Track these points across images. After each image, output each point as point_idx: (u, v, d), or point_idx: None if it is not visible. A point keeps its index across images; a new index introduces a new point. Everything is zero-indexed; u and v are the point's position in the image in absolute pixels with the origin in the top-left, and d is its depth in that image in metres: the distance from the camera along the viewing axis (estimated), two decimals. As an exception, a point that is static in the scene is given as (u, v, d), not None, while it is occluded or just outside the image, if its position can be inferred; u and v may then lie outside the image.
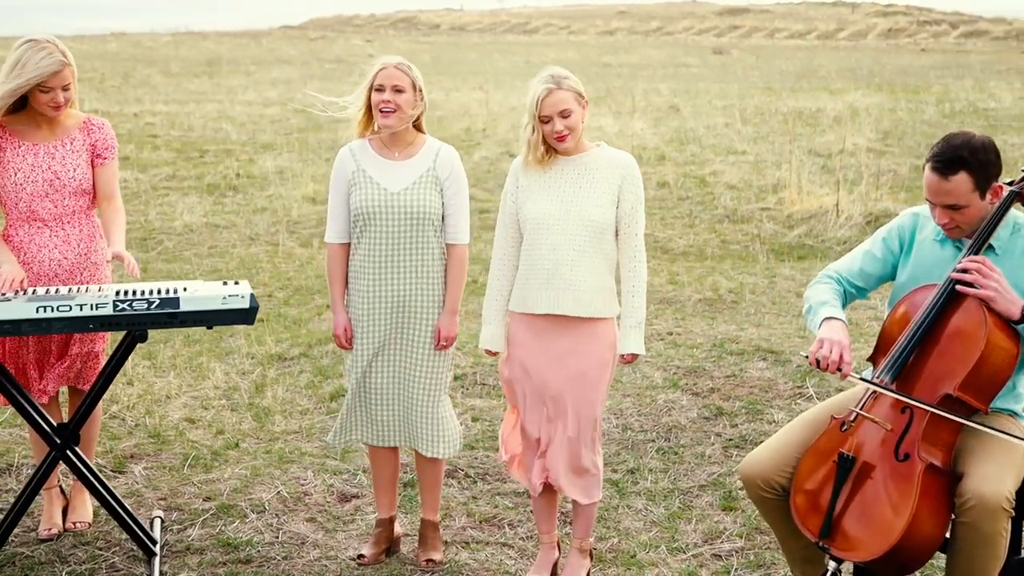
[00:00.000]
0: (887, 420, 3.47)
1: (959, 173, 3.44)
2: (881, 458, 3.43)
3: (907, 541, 3.28)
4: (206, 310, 4.07)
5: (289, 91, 25.40)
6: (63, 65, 4.27)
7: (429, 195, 4.24)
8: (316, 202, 12.14)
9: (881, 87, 26.42)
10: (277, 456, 5.41)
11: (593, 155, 4.12)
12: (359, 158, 4.31)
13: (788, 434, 3.75)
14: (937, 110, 20.82)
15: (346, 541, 4.60)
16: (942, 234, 3.66)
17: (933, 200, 3.53)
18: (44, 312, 3.94)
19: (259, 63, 35.04)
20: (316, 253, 10.01)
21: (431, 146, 4.33)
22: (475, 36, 52.45)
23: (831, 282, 3.87)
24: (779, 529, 3.77)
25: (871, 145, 15.63)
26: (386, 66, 4.24)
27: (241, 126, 18.48)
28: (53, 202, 4.38)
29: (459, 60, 38.50)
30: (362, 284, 4.29)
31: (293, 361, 6.81)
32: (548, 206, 4.06)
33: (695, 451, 5.48)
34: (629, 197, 4.07)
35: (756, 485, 3.68)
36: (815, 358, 3.59)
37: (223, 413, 5.99)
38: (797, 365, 6.47)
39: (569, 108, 3.98)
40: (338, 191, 4.33)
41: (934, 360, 3.47)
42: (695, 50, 42.96)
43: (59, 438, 4.25)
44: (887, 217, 10.87)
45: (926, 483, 3.32)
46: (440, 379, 4.37)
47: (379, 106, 4.21)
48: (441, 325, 4.31)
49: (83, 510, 4.69)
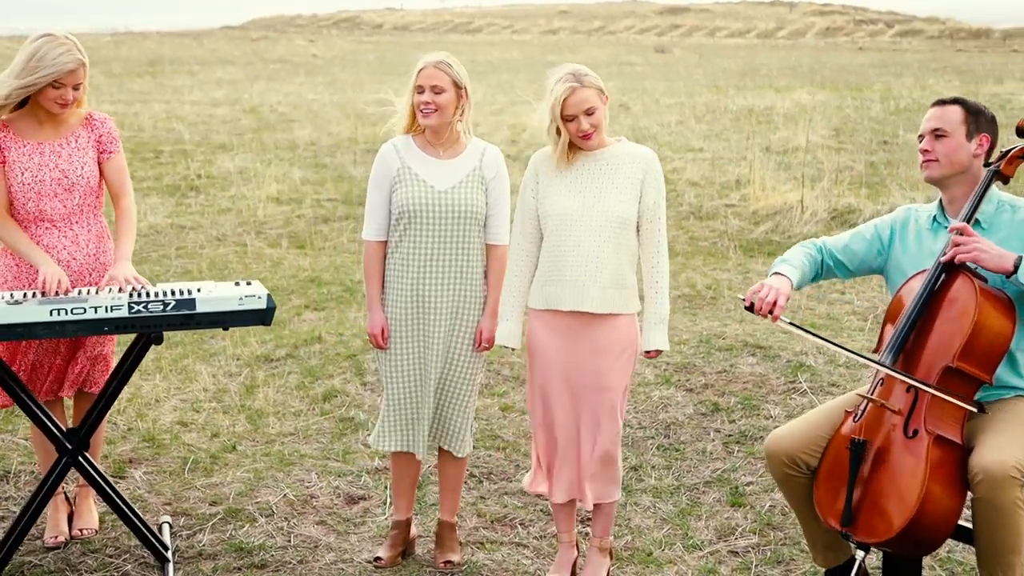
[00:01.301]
0: (894, 402, 3.53)
1: (954, 105, 3.69)
2: (892, 439, 3.49)
3: (922, 516, 3.33)
4: (223, 311, 4.01)
5: (235, 91, 25.16)
6: (79, 64, 4.18)
7: (476, 194, 4.20)
8: (281, 202, 12.03)
9: (825, 85, 26.72)
10: (277, 459, 5.34)
11: (615, 150, 4.10)
12: (404, 155, 4.25)
13: (814, 415, 3.83)
14: (883, 107, 21.08)
15: (359, 544, 4.55)
16: (934, 222, 3.75)
17: (923, 130, 3.71)
18: (58, 315, 3.85)
19: (202, 63, 34.65)
20: (286, 254, 9.92)
21: (476, 145, 4.29)
22: (418, 36, 52.19)
23: (809, 248, 3.96)
24: (802, 511, 3.80)
25: (825, 142, 15.80)
26: (426, 66, 4.19)
27: (192, 126, 18.24)
28: (62, 202, 4.28)
29: (404, 60, 38.28)
30: (404, 283, 4.22)
31: (280, 362, 6.73)
32: (571, 202, 4.04)
33: (696, 447, 5.49)
34: (651, 192, 4.06)
35: (781, 462, 3.72)
36: (750, 299, 3.69)
37: (215, 416, 5.90)
38: (787, 360, 6.52)
39: (593, 105, 3.96)
40: (380, 188, 4.26)
41: (932, 336, 3.54)
42: (637, 49, 43.14)
43: (70, 443, 4.15)
44: (851, 213, 11.03)
45: (935, 455, 3.37)
46: (476, 380, 4.35)
47: (419, 107, 4.17)
48: (483, 326, 4.27)
49: (89, 516, 4.59)
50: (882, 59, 39.15)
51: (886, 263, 3.86)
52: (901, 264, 3.80)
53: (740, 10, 59.75)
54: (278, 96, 24.24)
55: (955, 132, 3.64)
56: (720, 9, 62.09)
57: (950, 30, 48.78)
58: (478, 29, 56.03)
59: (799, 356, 6.56)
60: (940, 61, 37.27)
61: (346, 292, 8.52)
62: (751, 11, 59.23)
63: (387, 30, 55.88)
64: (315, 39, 48.53)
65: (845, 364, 6.43)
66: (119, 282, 4.11)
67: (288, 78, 30.06)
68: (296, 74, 31.64)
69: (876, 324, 7.53)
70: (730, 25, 52.53)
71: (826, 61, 38.04)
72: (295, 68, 34.58)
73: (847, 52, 43.48)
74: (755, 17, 55.81)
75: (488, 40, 48.94)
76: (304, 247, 10.23)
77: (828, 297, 8.27)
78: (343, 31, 55.70)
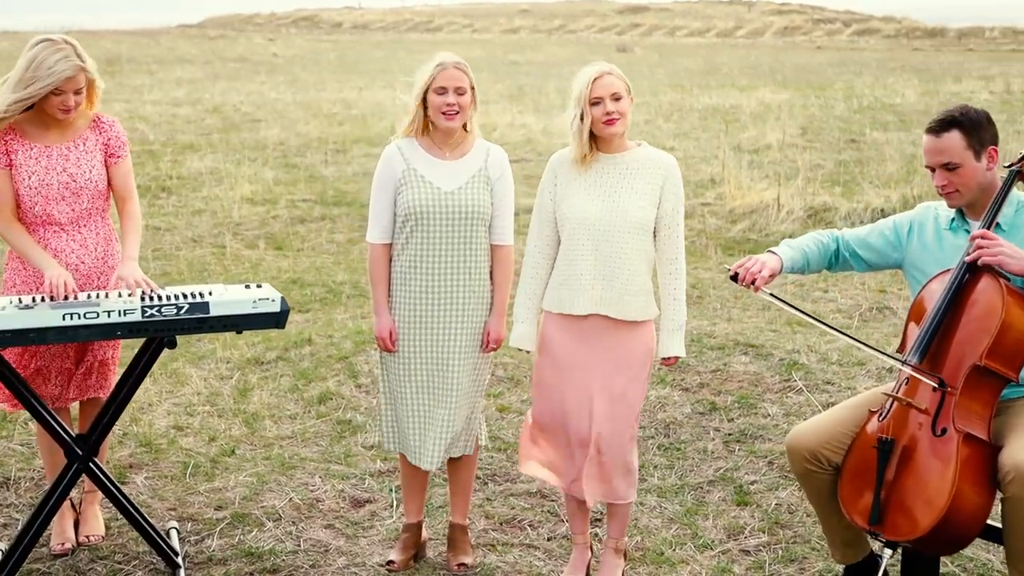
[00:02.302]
0: (921, 400, 3.53)
1: (951, 131, 3.61)
2: (920, 438, 3.49)
3: (952, 514, 3.34)
4: (236, 314, 3.97)
5: (196, 91, 24.95)
6: (78, 70, 4.10)
7: (482, 195, 4.18)
8: (255, 203, 11.94)
9: (787, 84, 26.91)
10: (278, 462, 5.29)
11: (635, 154, 4.08)
12: (408, 157, 4.20)
13: (836, 411, 3.84)
14: (846, 106, 21.27)
15: (370, 547, 4.52)
16: (953, 223, 3.76)
17: (930, 163, 3.66)
18: (71, 320, 3.80)
19: (160, 62, 34.33)
20: (265, 255, 9.85)
21: (481, 146, 4.26)
22: (378, 34, 52.04)
23: (823, 236, 4.01)
24: (822, 507, 3.82)
25: (793, 141, 15.91)
26: (446, 66, 4.11)
27: (156, 126, 18.07)
28: (70, 205, 4.22)
29: (365, 58, 38.22)
30: (411, 285, 4.19)
31: (271, 364, 6.68)
32: (590, 205, 4.02)
33: (696, 447, 5.50)
34: (671, 198, 4.04)
35: (803, 457, 3.73)
36: (735, 269, 3.78)
37: (210, 420, 5.84)
38: (780, 359, 6.55)
39: (620, 92, 3.95)
40: (384, 190, 4.22)
41: (958, 335, 3.54)
42: (599, 48, 43.21)
43: (80, 449, 4.10)
44: (827, 211, 11.11)
45: (965, 453, 3.38)
46: (483, 381, 4.34)
47: (442, 109, 4.10)
48: (490, 327, 4.25)
49: (95, 523, 4.53)
50: (841, 58, 39.50)
51: (903, 259, 3.88)
52: (919, 261, 3.82)
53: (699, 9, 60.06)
54: (240, 95, 24.06)
55: (964, 160, 3.60)
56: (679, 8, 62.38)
57: (906, 29, 49.30)
58: (438, 28, 55.92)
59: (792, 354, 6.59)
60: (898, 60, 37.66)
61: (330, 293, 8.47)
62: (710, 10, 59.56)
63: (346, 29, 55.64)
64: (274, 38, 48.21)
65: (838, 362, 6.48)
66: (128, 283, 4.06)
67: (249, 77, 29.85)
68: (257, 73, 31.44)
69: (861, 322, 7.59)
70: (689, 24, 52.80)
71: (786, 60, 38.32)
72: (255, 67, 34.35)
73: (806, 51, 43.82)
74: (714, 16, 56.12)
75: (449, 39, 48.83)
76: (282, 248, 10.17)
77: (811, 295, 8.33)
78: (302, 30, 55.41)
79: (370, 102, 22.39)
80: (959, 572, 4.25)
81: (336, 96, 24.00)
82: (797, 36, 48.47)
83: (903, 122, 18.51)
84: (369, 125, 18.30)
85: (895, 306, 7.94)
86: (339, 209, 11.78)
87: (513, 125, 17.62)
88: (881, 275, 8.91)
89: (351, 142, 16.52)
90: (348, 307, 8.09)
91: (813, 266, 3.98)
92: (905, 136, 16.55)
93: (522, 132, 17.04)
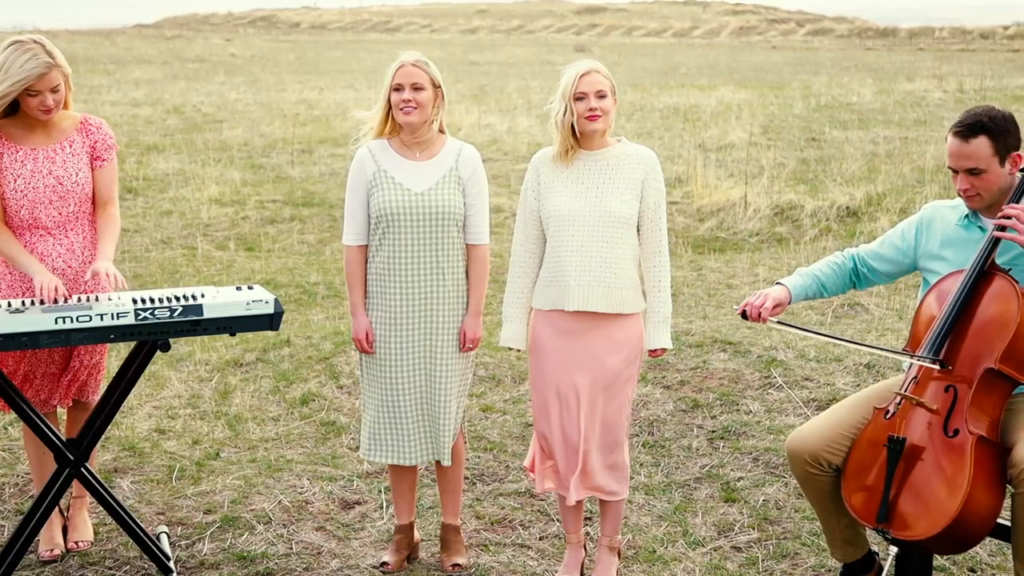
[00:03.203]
0: (932, 400, 3.56)
1: (979, 137, 3.61)
2: (931, 437, 3.52)
3: (966, 514, 3.37)
4: (230, 316, 3.95)
5: (155, 91, 24.77)
6: (49, 67, 4.04)
7: (453, 195, 4.18)
8: (223, 204, 11.87)
9: (744, 83, 27.11)
10: (265, 465, 5.26)
11: (615, 150, 4.12)
12: (379, 158, 4.21)
13: (834, 413, 3.86)
14: (805, 105, 21.46)
15: (362, 549, 4.51)
16: (964, 219, 3.79)
17: (955, 166, 3.67)
18: (63, 323, 3.76)
19: (117, 62, 34.04)
20: (236, 256, 9.80)
21: (452, 146, 4.27)
22: (336, 34, 51.80)
23: (840, 259, 4.05)
24: (822, 508, 3.85)
25: (755, 139, 16.03)
26: (404, 64, 4.16)
27: (117, 127, 17.87)
28: (57, 209, 4.17)
29: (324, 58, 38.10)
30: (386, 287, 4.20)
31: (251, 366, 6.64)
32: (573, 202, 4.05)
33: (681, 444, 5.54)
34: (652, 192, 4.08)
35: (804, 461, 3.76)
36: (743, 308, 3.84)
37: (192, 422, 5.80)
38: (758, 356, 6.59)
39: (605, 90, 3.99)
40: (356, 193, 4.23)
41: (972, 336, 3.57)
42: (557, 48, 43.34)
43: (71, 454, 4.06)
44: (793, 209, 11.21)
45: (979, 455, 3.42)
46: (466, 382, 4.33)
47: (399, 105, 4.13)
48: (466, 327, 4.25)
49: (84, 528, 4.48)
50: (796, 57, 39.87)
51: (916, 261, 3.90)
52: (932, 252, 3.83)
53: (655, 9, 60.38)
54: (200, 96, 23.91)
55: (990, 166, 3.62)
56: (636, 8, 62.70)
57: (858, 29, 49.79)
58: (396, 28, 55.76)
59: (769, 351, 6.65)
60: (851, 59, 38.05)
61: (304, 295, 8.44)
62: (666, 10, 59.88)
63: (304, 29, 55.35)
64: (232, 38, 47.90)
65: (816, 358, 6.54)
66: (101, 275, 4.02)
67: (208, 77, 29.66)
68: (216, 73, 31.24)
69: (835, 318, 7.67)
70: (646, 24, 53.00)
71: (742, 60, 38.61)
72: (214, 67, 34.14)
73: (761, 51, 44.18)
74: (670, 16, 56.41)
75: (408, 39, 48.68)
76: (253, 249, 10.12)
77: (784, 293, 8.38)
78: (260, 30, 55.06)
79: (332, 102, 22.30)
80: (948, 565, 4.30)
81: (297, 96, 23.89)
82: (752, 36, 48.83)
83: (861, 121, 18.70)
84: (333, 126, 18.23)
85: (866, 302, 8.02)
86: (308, 210, 11.73)
87: (478, 125, 17.61)
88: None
89: (316, 142, 16.45)
90: (324, 308, 8.06)
91: (832, 289, 4.01)
92: (864, 135, 16.73)
93: (487, 132, 17.05)
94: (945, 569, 4.27)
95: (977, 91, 23.15)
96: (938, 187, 11.58)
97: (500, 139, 16.58)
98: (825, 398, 5.95)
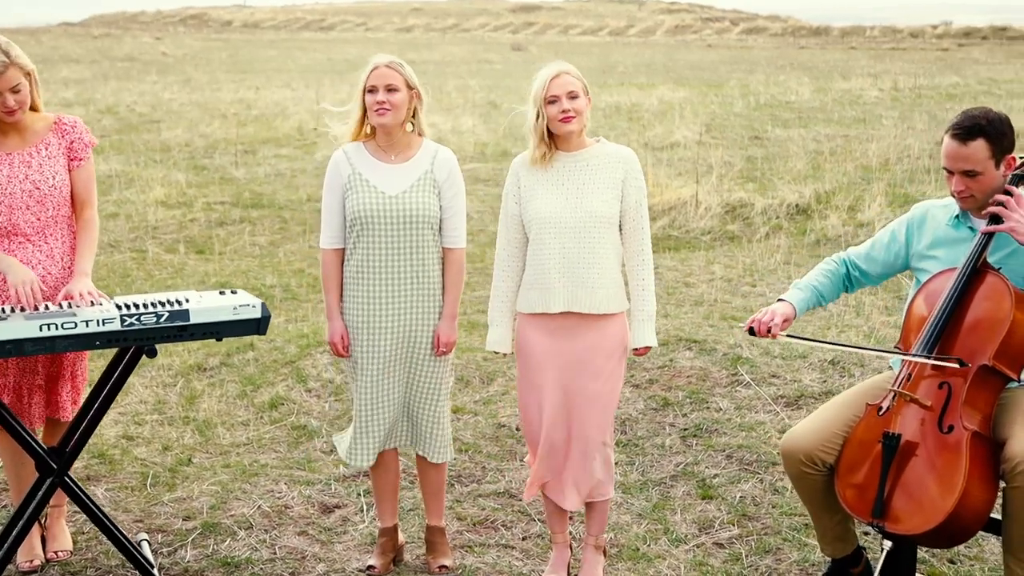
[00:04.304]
0: (926, 397, 3.61)
1: (977, 139, 3.65)
2: (925, 433, 3.57)
3: (961, 510, 3.43)
4: (217, 321, 3.91)
5: (86, 91, 24.41)
6: (6, 67, 3.94)
7: (427, 198, 4.16)
8: (170, 206, 11.72)
9: (682, 82, 27.33)
10: (239, 470, 5.21)
11: (594, 151, 4.12)
12: (354, 161, 4.18)
13: (827, 411, 3.89)
14: (745, 103, 21.70)
15: (346, 553, 4.48)
16: (954, 219, 3.85)
17: (951, 167, 3.71)
18: (48, 330, 3.69)
19: (44, 62, 33.41)
20: (187, 259, 9.68)
21: (428, 148, 4.25)
22: (270, 33, 51.33)
23: (833, 265, 4.09)
24: (815, 505, 3.89)
25: (699, 138, 16.17)
26: (377, 66, 4.13)
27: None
28: (35, 214, 4.09)
29: (258, 57, 37.77)
30: (360, 290, 4.17)
31: (215, 371, 6.57)
32: (554, 204, 4.05)
33: (654, 442, 5.57)
34: (633, 191, 4.10)
35: (798, 460, 3.79)
36: (749, 325, 3.87)
37: (160, 429, 5.73)
38: (723, 353, 6.66)
39: (576, 91, 4.00)
40: (333, 195, 4.20)
41: (965, 334, 3.63)
42: (494, 47, 43.38)
43: (55, 463, 3.99)
44: (743, 207, 11.32)
45: (973, 450, 3.47)
46: (444, 384, 4.31)
47: (373, 107, 4.10)
48: (440, 331, 4.23)
49: (63, 538, 4.41)
50: (731, 56, 40.28)
51: (909, 261, 3.95)
52: (923, 252, 3.88)
53: (591, 8, 60.62)
54: (133, 96, 23.59)
55: (986, 169, 3.66)
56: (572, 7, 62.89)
57: (792, 28, 50.43)
58: (331, 27, 55.38)
59: (734, 349, 6.71)
60: (786, 58, 38.53)
61: (261, 298, 8.34)
62: (601, 9, 60.18)
63: (236, 27, 54.75)
64: (162, 36, 47.27)
65: (780, 355, 6.61)
66: (73, 297, 3.94)
67: (139, 77, 29.27)
68: (147, 73, 30.85)
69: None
70: (582, 23, 53.22)
71: (679, 58, 38.93)
72: (145, 67, 33.70)
73: (697, 49, 44.56)
74: (606, 15, 56.69)
75: (343, 37, 48.42)
76: (204, 252, 10.00)
77: (740, 290, 8.49)
78: (190, 28, 54.38)
79: (269, 102, 22.14)
80: (928, 557, 4.38)
81: (233, 96, 23.66)
82: (688, 35, 49.24)
83: (801, 119, 18.94)
84: (275, 126, 18.09)
85: (823, 299, 8.12)
86: (257, 212, 11.63)
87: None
88: (806, 269, 9.13)
89: (258, 143, 16.31)
90: (283, 310, 8.00)
91: (828, 297, 4.06)
92: (806, 133, 16.95)
93: (432, 132, 16.71)
94: (925, 561, 4.34)
95: (912, 89, 23.57)
96: (885, 184, 11.77)
97: (445, 139, 16.53)
98: (793, 395, 6.03)
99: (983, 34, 45.32)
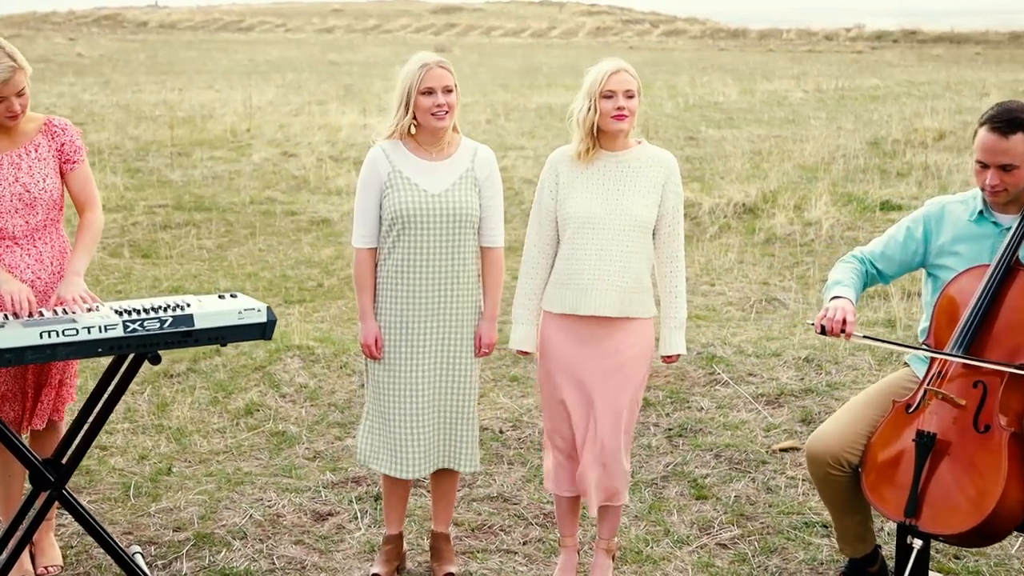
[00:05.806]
0: (960, 396, 3.57)
1: (1017, 133, 3.61)
2: (960, 432, 3.54)
3: (1000, 509, 3.41)
4: (222, 326, 3.78)
5: None
6: (14, 71, 3.82)
7: (469, 196, 4.07)
8: (109, 209, 11.40)
9: (610, 83, 27.40)
10: (223, 479, 5.07)
11: (636, 152, 4.05)
12: (393, 159, 4.06)
13: (852, 412, 3.87)
14: (675, 104, 21.84)
15: (346, 562, 4.38)
16: (978, 215, 3.81)
17: (988, 160, 3.66)
18: (48, 338, 3.54)
19: (-45, 62, 32.40)
20: (133, 264, 9.46)
21: (467, 146, 4.15)
22: (187, 34, 50.50)
23: (854, 262, 4.04)
24: (838, 506, 3.88)
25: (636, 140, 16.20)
26: (431, 66, 3.97)
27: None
28: (24, 218, 3.94)
29: (177, 59, 37.08)
30: (398, 290, 4.06)
31: (182, 377, 6.40)
32: (593, 204, 3.97)
33: (641, 443, 5.54)
34: (672, 196, 4.03)
35: (825, 463, 3.77)
36: (820, 324, 3.76)
37: (133, 437, 5.56)
38: (697, 352, 6.66)
39: (633, 91, 3.94)
40: (370, 193, 4.08)
41: (1002, 332, 3.60)
42: (418, 47, 42.82)
43: (52, 476, 3.83)
44: (692, 207, 11.34)
45: (1012, 450, 3.45)
46: (476, 387, 4.22)
47: (431, 110, 3.96)
48: (482, 331, 4.15)
49: (52, 553, 4.25)
50: (654, 58, 40.51)
51: (926, 257, 3.92)
52: (945, 248, 3.85)
53: (512, 9, 60.67)
54: (51, 98, 22.98)
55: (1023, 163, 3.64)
56: (493, 8, 62.89)
57: (711, 30, 50.97)
58: (250, 27, 54.69)
59: (708, 348, 6.72)
60: (707, 60, 38.89)
61: (218, 301, 8.16)
62: (522, 11, 60.24)
63: (152, 28, 53.79)
64: (75, 37, 46.22)
65: (754, 353, 6.63)
66: (67, 302, 3.81)
67: (55, 79, 28.56)
68: (63, 74, 30.12)
69: (756, 314, 7.80)
70: (504, 24, 53.24)
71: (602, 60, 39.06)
72: (61, 68, 32.90)
73: (619, 51, 44.74)
74: (527, 17, 56.78)
75: (262, 39, 47.83)
76: (149, 256, 9.77)
77: (700, 289, 8.51)
78: (104, 29, 53.26)
79: (195, 104, 21.73)
80: (934, 553, 4.40)
81: (156, 98, 23.20)
82: (609, 36, 49.49)
83: (732, 120, 19.11)
84: (206, 128, 17.75)
85: (782, 297, 8.19)
86: (200, 214, 11.39)
87: (356, 126, 17.40)
88: (760, 267, 9.20)
89: (191, 145, 15.98)
90: (242, 315, 7.80)
91: (860, 293, 4.01)
92: (739, 133, 17.10)
93: (367, 133, 16.83)
94: (932, 557, 4.37)
95: (835, 91, 23.92)
96: (828, 183, 11.91)
97: (381, 140, 16.39)
98: (773, 392, 6.04)
99: (894, 37, 46.23)
